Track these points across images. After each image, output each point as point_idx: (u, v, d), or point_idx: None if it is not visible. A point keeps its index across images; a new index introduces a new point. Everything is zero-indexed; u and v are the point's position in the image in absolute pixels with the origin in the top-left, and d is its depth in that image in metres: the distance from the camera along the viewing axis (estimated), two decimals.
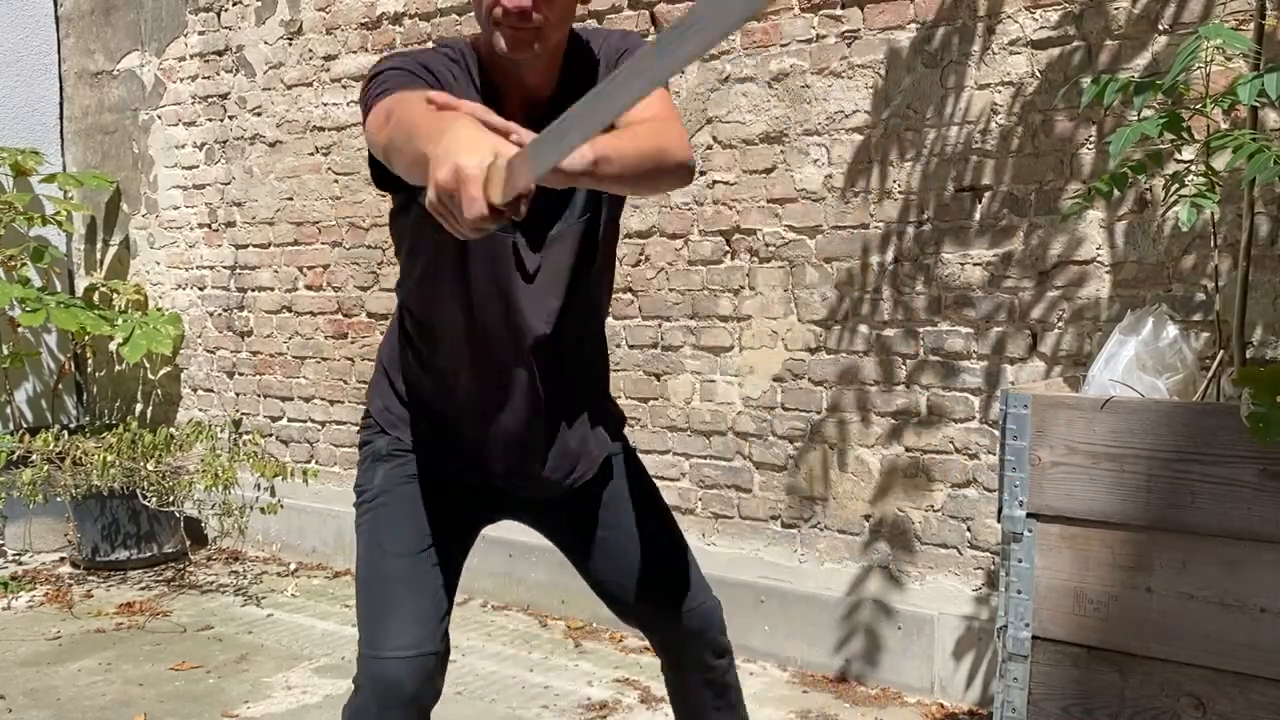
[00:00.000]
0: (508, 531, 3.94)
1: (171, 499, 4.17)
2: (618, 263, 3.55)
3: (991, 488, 2.87)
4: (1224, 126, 2.36)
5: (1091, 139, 2.73)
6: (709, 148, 3.33)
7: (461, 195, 1.12)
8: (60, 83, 5.31)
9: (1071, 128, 2.75)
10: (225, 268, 4.72)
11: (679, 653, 1.95)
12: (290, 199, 4.45)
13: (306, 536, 4.44)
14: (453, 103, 1.32)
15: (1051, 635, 1.97)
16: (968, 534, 2.97)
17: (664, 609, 1.89)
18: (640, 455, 3.51)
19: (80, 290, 5.22)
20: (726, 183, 3.31)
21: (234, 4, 4.56)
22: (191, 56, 4.75)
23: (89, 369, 5.25)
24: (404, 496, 1.80)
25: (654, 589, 1.88)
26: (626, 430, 2.00)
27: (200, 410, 4.86)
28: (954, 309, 2.95)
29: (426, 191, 1.18)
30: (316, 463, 4.45)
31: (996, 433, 2.55)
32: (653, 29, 3.41)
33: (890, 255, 3.04)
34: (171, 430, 4.44)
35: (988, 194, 2.89)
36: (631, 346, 3.53)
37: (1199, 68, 2.08)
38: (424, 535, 1.77)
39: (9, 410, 5.01)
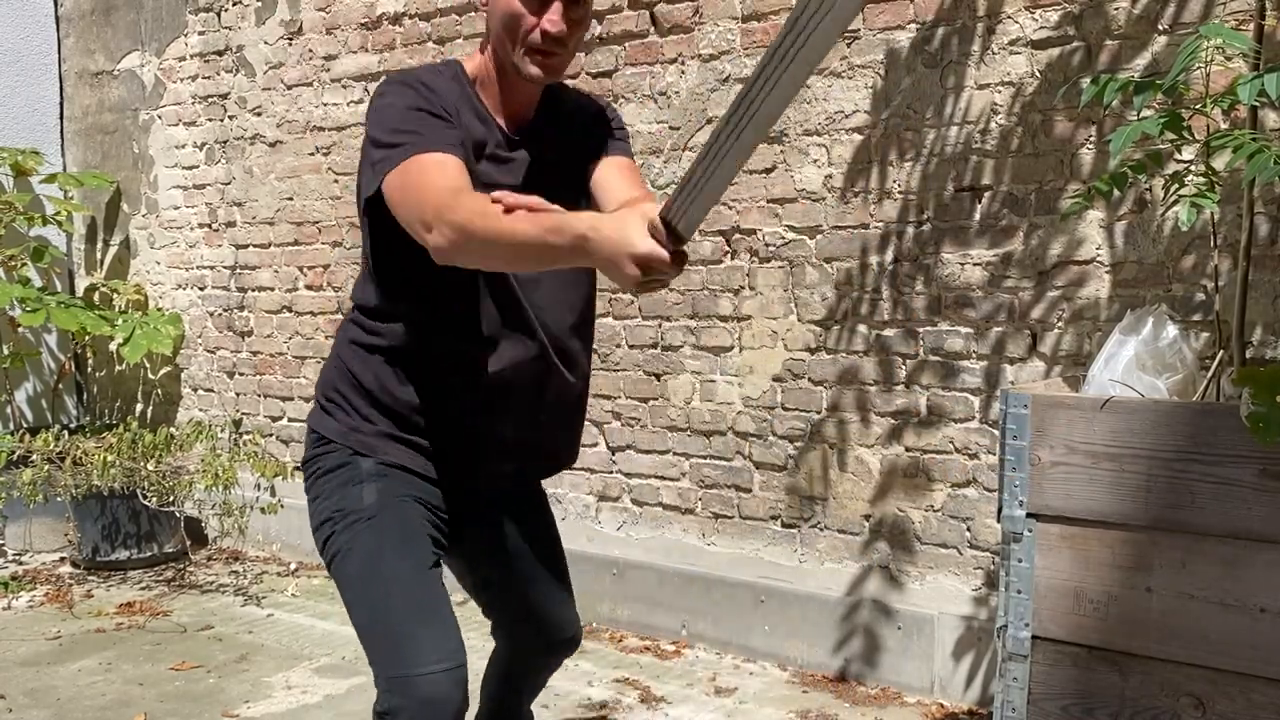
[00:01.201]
0: None
1: (171, 499, 4.17)
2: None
3: (991, 488, 2.87)
4: (1224, 126, 2.36)
5: (1091, 139, 2.73)
6: None
7: (659, 269, 1.35)
8: (60, 83, 5.31)
9: (1071, 128, 2.75)
10: (225, 268, 4.72)
11: (546, 660, 2.14)
12: (290, 199, 4.45)
13: (306, 536, 4.42)
14: (521, 202, 1.47)
15: (1051, 635, 1.97)
16: (968, 534, 2.97)
17: (567, 625, 2.07)
18: (640, 455, 3.55)
19: (80, 290, 5.23)
20: None
21: (234, 4, 4.56)
22: (191, 56, 4.75)
23: (89, 369, 5.25)
24: (403, 514, 1.77)
25: (565, 605, 2.06)
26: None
27: (200, 410, 4.87)
28: (954, 309, 2.95)
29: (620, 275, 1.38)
30: None
31: (996, 433, 2.55)
32: (653, 29, 3.41)
33: (890, 255, 3.04)
34: (171, 430, 4.44)
35: (988, 194, 2.89)
36: (631, 346, 3.54)
37: (1199, 68, 2.08)
38: (427, 551, 1.78)
39: (9, 410, 5.01)
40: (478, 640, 2.04)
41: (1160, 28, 2.62)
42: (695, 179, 1.27)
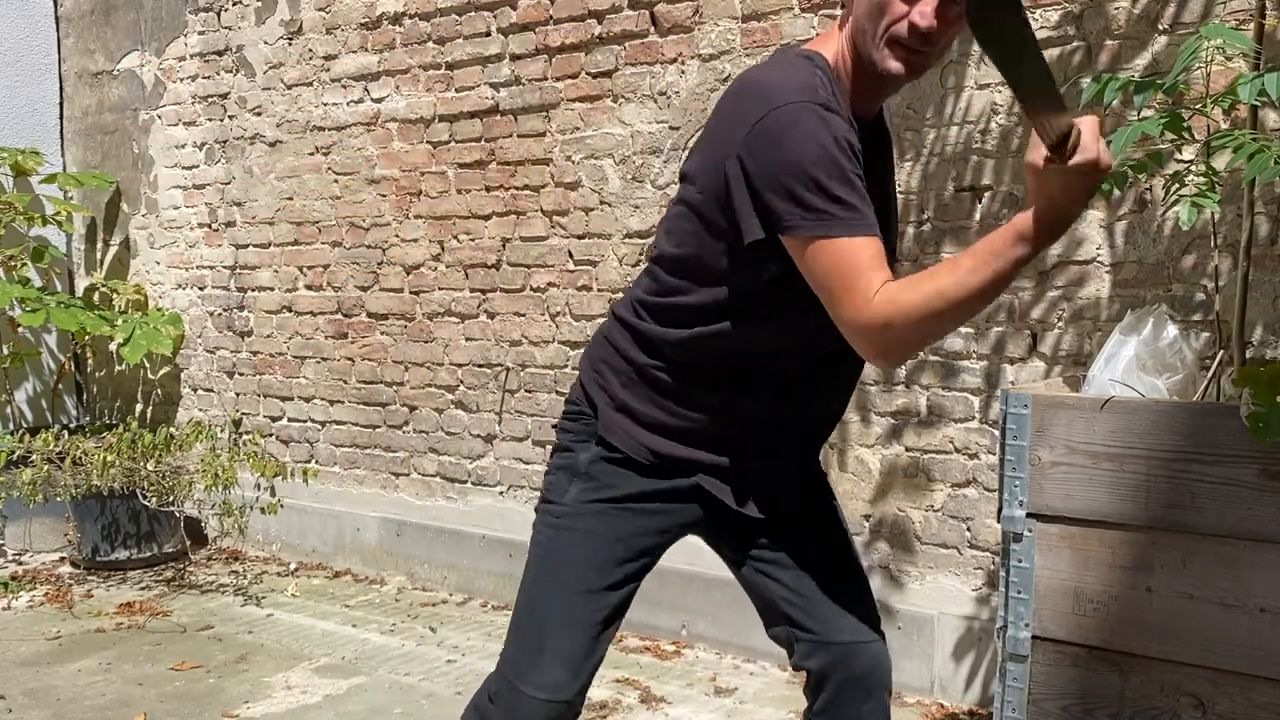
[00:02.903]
0: (507, 531, 3.93)
1: (171, 499, 4.17)
2: (618, 262, 3.56)
3: (991, 488, 2.87)
4: (1224, 126, 2.36)
5: None
6: None
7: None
8: (60, 83, 5.31)
9: None
10: (225, 268, 4.72)
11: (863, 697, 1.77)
12: (290, 199, 4.45)
13: (306, 536, 4.44)
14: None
15: (1051, 635, 1.97)
16: (968, 534, 2.97)
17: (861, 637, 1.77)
18: None
19: (80, 290, 5.22)
20: None
21: (234, 4, 4.56)
22: (191, 56, 4.75)
23: (89, 369, 5.25)
24: (590, 526, 1.67)
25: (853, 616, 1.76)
26: None
27: (200, 410, 4.86)
28: None
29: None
30: (316, 462, 4.45)
31: (996, 433, 2.55)
32: (653, 29, 3.41)
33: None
34: (171, 430, 4.44)
35: (988, 194, 2.89)
36: None
37: (1199, 67, 2.08)
38: (599, 575, 1.67)
39: (9, 410, 5.01)
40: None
41: (1160, 28, 2.62)
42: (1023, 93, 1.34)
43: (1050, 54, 2.76)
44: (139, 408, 5.07)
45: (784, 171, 1.44)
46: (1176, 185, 2.02)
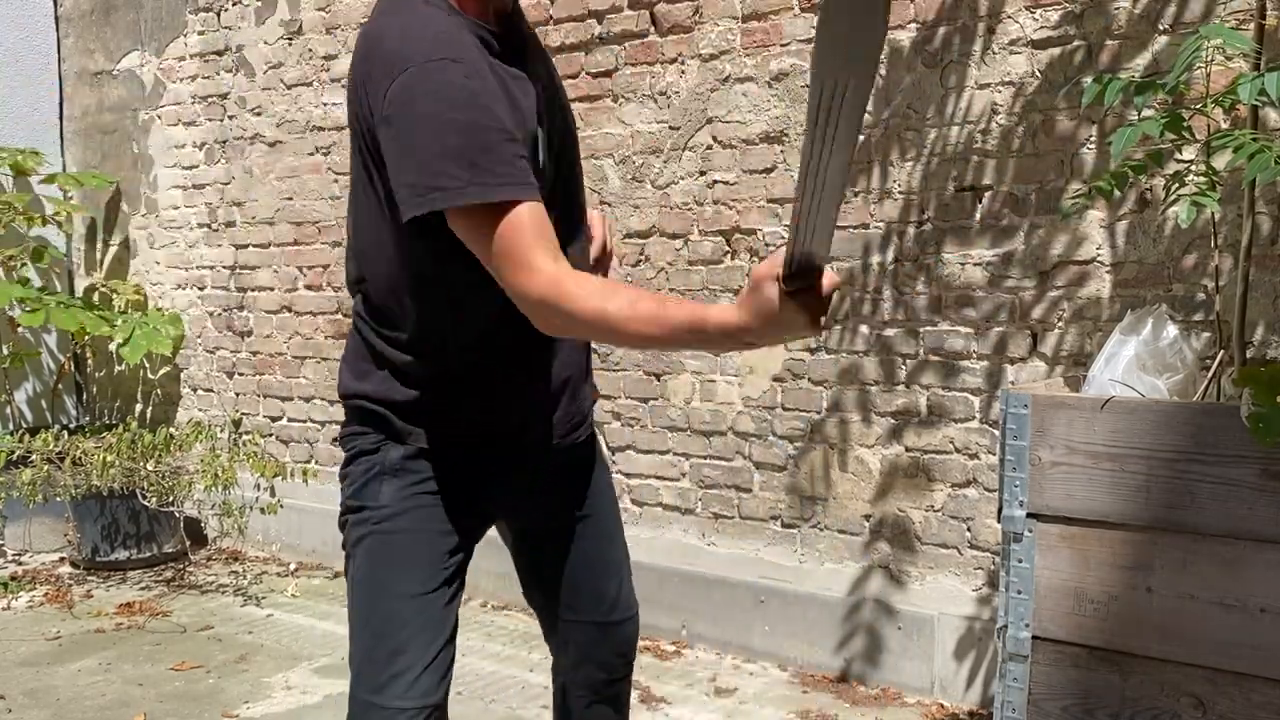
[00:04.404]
0: None
1: (171, 499, 4.17)
2: (618, 262, 3.55)
3: (991, 488, 2.87)
4: (1225, 126, 2.36)
5: (1092, 139, 2.73)
6: (709, 147, 3.33)
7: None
8: (60, 83, 5.31)
9: (1072, 127, 2.75)
10: (225, 268, 4.72)
11: (603, 662, 2.00)
12: (290, 199, 4.45)
13: (306, 536, 4.44)
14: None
15: (1051, 635, 1.97)
16: (968, 534, 2.97)
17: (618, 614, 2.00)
18: (640, 455, 3.54)
19: (80, 290, 5.22)
20: (726, 183, 3.31)
21: (234, 4, 4.56)
22: (191, 56, 4.75)
23: (89, 369, 5.25)
24: (418, 522, 1.60)
25: (614, 595, 1.98)
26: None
27: (200, 410, 4.86)
28: (954, 309, 2.95)
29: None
30: (316, 463, 4.44)
31: (997, 433, 2.55)
32: (653, 28, 3.41)
33: (891, 255, 3.04)
34: (171, 430, 4.44)
35: (988, 194, 2.89)
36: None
37: (1200, 67, 2.08)
38: (438, 569, 1.60)
39: (9, 410, 5.01)
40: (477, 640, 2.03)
41: (1161, 27, 2.62)
42: (803, 217, 1.16)
43: (1051, 53, 2.76)
44: (139, 408, 5.07)
45: (422, 143, 1.36)
46: (1177, 185, 2.02)
